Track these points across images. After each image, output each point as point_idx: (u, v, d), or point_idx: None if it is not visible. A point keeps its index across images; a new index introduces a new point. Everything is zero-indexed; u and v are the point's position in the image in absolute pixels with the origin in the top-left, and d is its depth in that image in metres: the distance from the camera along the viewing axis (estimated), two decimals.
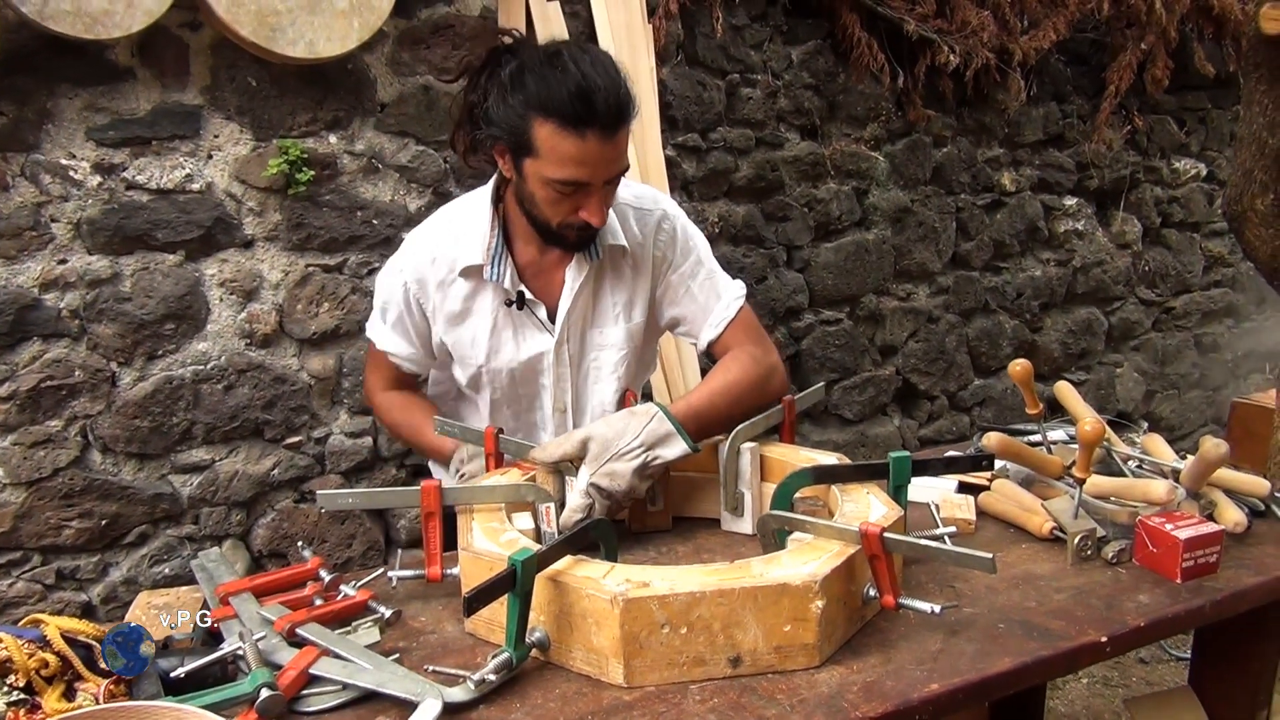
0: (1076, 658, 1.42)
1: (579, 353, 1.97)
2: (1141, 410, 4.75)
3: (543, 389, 1.99)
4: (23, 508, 2.41)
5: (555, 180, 1.68)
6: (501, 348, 1.94)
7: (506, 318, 1.92)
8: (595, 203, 1.71)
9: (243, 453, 2.67)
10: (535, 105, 1.63)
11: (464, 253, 1.88)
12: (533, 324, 1.93)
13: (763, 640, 1.31)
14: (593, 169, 1.66)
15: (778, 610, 1.30)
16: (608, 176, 1.70)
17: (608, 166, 1.68)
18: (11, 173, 2.32)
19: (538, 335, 1.93)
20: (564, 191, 1.69)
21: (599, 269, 1.92)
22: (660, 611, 1.28)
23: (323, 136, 2.65)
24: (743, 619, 1.30)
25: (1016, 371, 1.90)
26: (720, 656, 1.31)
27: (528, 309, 1.91)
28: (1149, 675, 3.49)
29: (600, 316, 1.96)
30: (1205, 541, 1.61)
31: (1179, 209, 4.66)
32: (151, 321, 2.48)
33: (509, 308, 1.90)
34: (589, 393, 2.00)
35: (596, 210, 1.72)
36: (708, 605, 1.29)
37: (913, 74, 3.59)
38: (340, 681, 1.25)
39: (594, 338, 1.97)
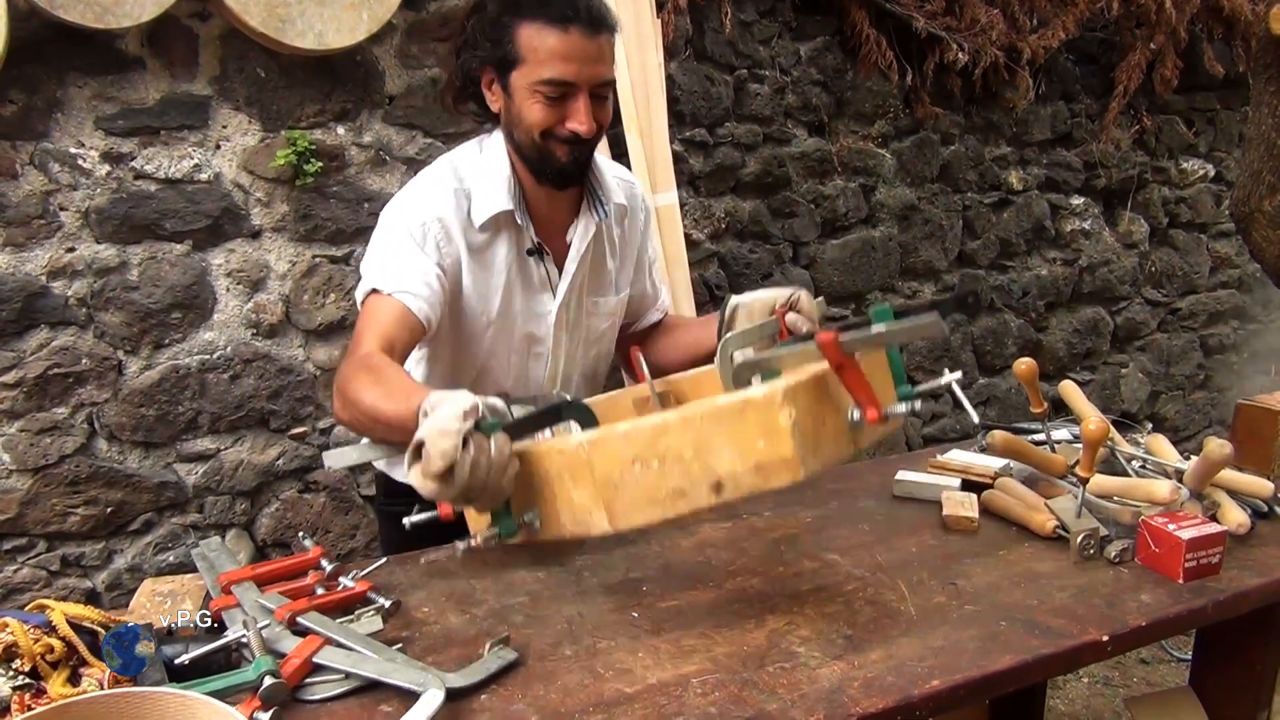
0: (1078, 656, 1.42)
1: (575, 320, 1.94)
2: (1146, 411, 4.74)
3: (538, 357, 1.93)
4: (29, 494, 2.42)
5: (541, 82, 1.67)
6: (513, 302, 1.87)
7: (519, 273, 1.85)
8: (581, 107, 1.69)
9: (248, 442, 2.67)
10: (521, 11, 1.67)
11: (489, 198, 1.80)
12: (539, 282, 1.88)
13: (739, 461, 1.24)
14: (578, 66, 1.66)
15: (745, 427, 1.23)
16: (592, 78, 1.68)
17: (591, 66, 1.67)
18: (20, 161, 2.32)
19: (541, 295, 1.89)
20: (550, 98, 1.68)
21: (600, 235, 1.91)
22: (628, 447, 1.26)
23: (331, 128, 2.65)
24: (713, 443, 1.24)
25: (1022, 370, 1.90)
26: (700, 485, 1.25)
27: (543, 264, 1.86)
28: (1150, 675, 3.49)
29: (599, 284, 1.95)
30: (1208, 542, 1.61)
31: (1186, 209, 4.65)
32: (158, 310, 2.49)
33: (527, 258, 1.85)
34: (578, 362, 1.98)
35: (583, 115, 1.69)
36: (674, 434, 1.25)
37: (921, 71, 3.59)
38: (343, 670, 1.26)
39: (589, 306, 1.95)
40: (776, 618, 1.47)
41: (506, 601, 1.52)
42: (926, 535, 1.79)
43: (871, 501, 1.95)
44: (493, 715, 1.22)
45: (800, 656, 1.36)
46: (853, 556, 1.69)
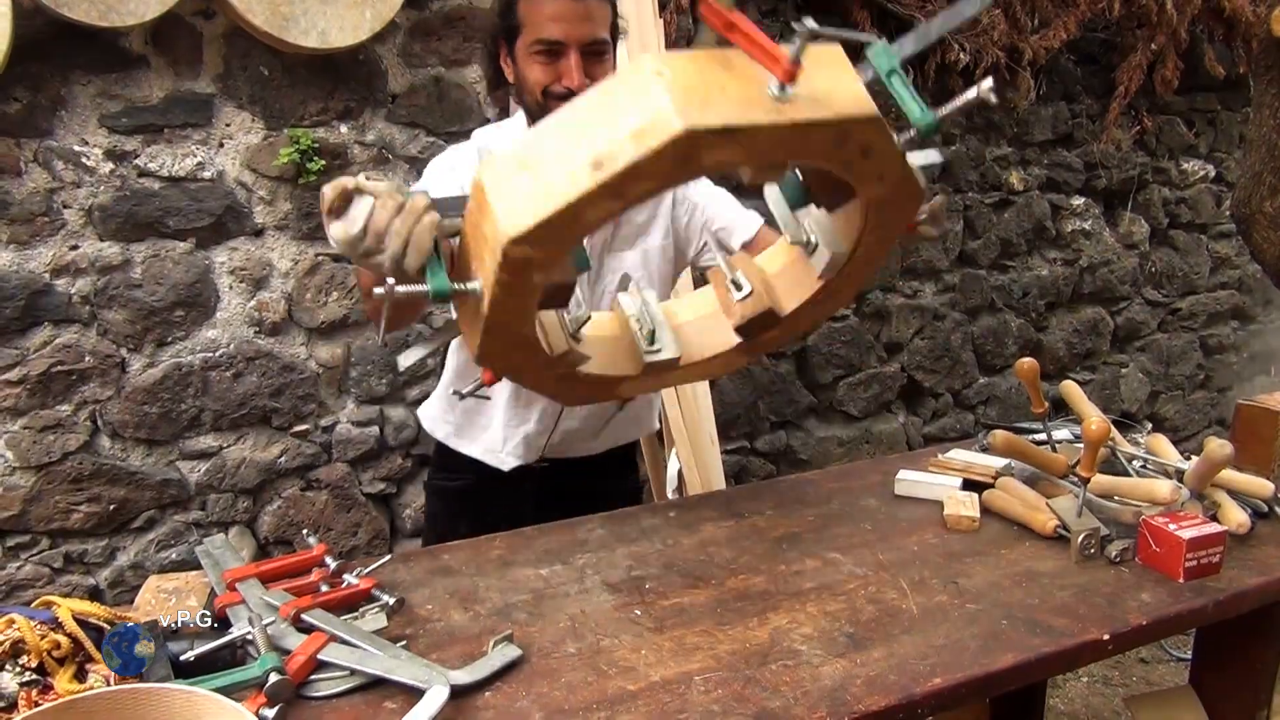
0: (1078, 655, 1.43)
1: (596, 275, 2.00)
2: (1146, 411, 4.75)
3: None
4: (32, 491, 2.43)
5: (535, 42, 1.79)
6: None
7: None
8: (573, 64, 1.79)
9: (250, 440, 2.68)
10: None
11: None
12: None
13: (615, 132, 1.14)
14: (567, 26, 1.77)
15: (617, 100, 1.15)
16: (580, 37, 1.78)
17: (581, 25, 1.78)
18: (25, 159, 2.33)
19: None
20: (545, 58, 1.79)
21: None
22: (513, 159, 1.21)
23: (334, 126, 2.66)
24: (591, 126, 1.16)
25: (1023, 370, 1.90)
26: (582, 168, 1.15)
27: None
28: (1149, 675, 3.50)
29: (618, 240, 2.00)
30: (1208, 542, 1.61)
31: (1187, 210, 4.66)
32: (161, 308, 2.50)
33: None
34: None
35: (574, 71, 1.79)
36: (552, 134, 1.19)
37: (922, 71, 3.59)
38: (348, 667, 1.27)
39: (610, 262, 2.00)
40: (779, 616, 1.47)
41: (510, 599, 1.53)
42: (928, 534, 1.80)
43: (873, 500, 1.96)
44: (497, 713, 1.23)
45: (803, 654, 1.36)
46: (854, 555, 1.69)
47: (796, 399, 3.62)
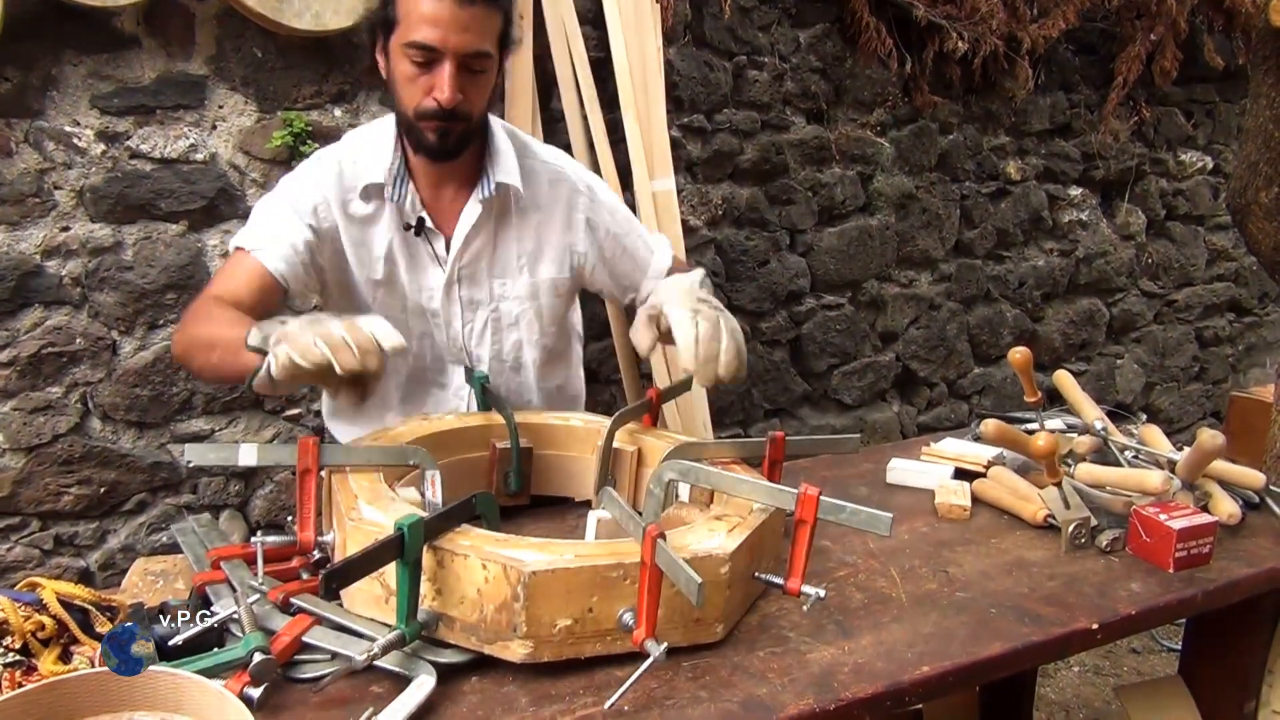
0: (1067, 643, 1.43)
1: (474, 299, 1.93)
2: (1141, 402, 4.75)
3: (436, 326, 1.95)
4: (22, 473, 2.42)
5: (408, 46, 1.68)
6: (397, 274, 1.89)
7: (402, 245, 1.88)
8: (445, 77, 1.68)
9: (242, 423, 2.67)
10: None
11: (366, 170, 1.84)
12: (427, 255, 1.89)
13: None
14: (444, 33, 1.65)
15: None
16: (459, 47, 1.67)
17: (459, 34, 1.66)
18: (15, 139, 2.31)
19: (431, 268, 1.90)
20: (418, 62, 1.69)
21: (501, 216, 1.90)
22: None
23: (327, 109, 2.64)
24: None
25: (1016, 359, 1.90)
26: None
27: (425, 238, 1.87)
28: (1141, 665, 3.51)
29: (502, 265, 1.93)
30: (1199, 532, 1.61)
31: (1184, 202, 4.65)
32: (153, 291, 2.49)
33: (407, 233, 1.86)
34: (486, 341, 1.97)
35: (446, 84, 1.68)
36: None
37: (920, 60, 3.58)
38: (332, 651, 1.26)
39: (495, 287, 1.94)
40: (767, 603, 1.47)
41: None
42: (919, 523, 1.80)
43: (864, 489, 1.96)
44: (483, 697, 1.22)
45: (791, 641, 1.36)
46: (844, 543, 1.69)
47: (791, 387, 3.62)
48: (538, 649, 1.24)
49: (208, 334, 1.58)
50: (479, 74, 1.73)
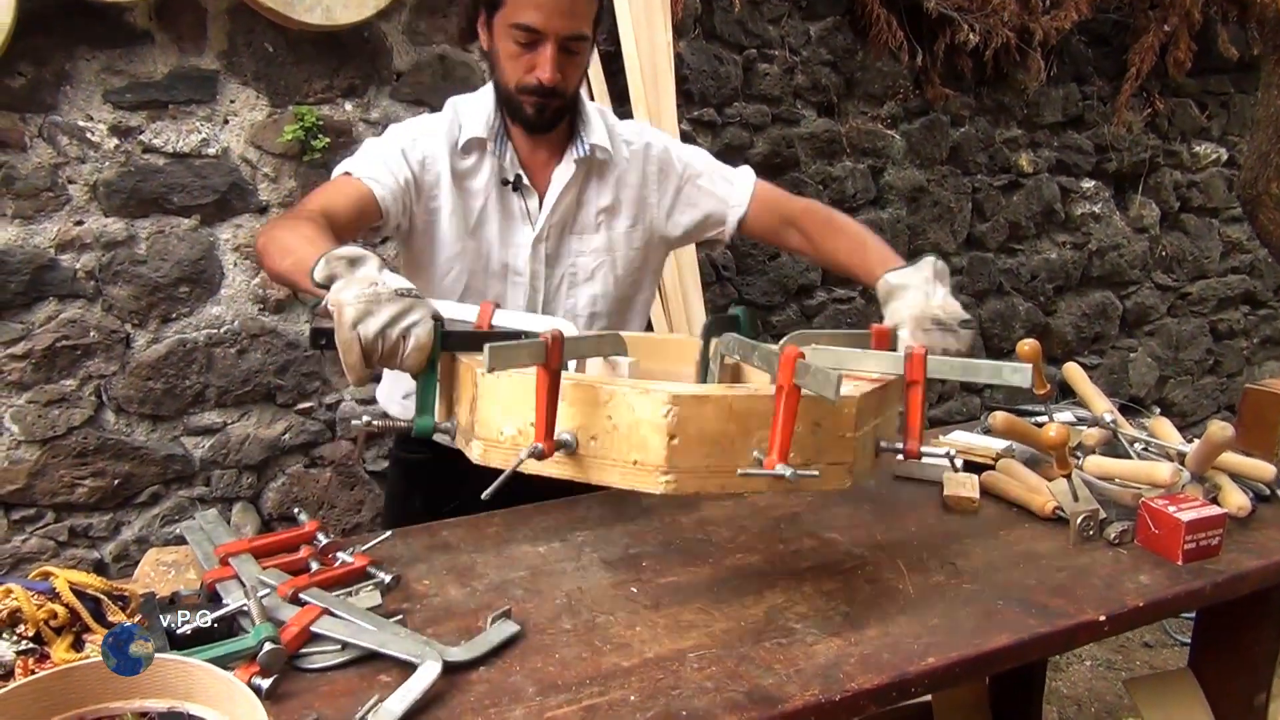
0: (1074, 635, 1.43)
1: (555, 255, 1.98)
2: (1154, 395, 4.73)
3: (514, 285, 1.97)
4: (37, 465, 2.44)
5: (513, 27, 1.75)
6: (487, 225, 1.94)
7: (496, 202, 1.93)
8: (547, 57, 1.76)
9: (254, 416, 2.69)
10: None
11: (470, 126, 1.90)
12: (519, 213, 1.94)
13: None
14: (547, 16, 1.73)
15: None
16: (562, 30, 1.75)
17: (562, 18, 1.74)
18: (29, 134, 2.33)
19: (520, 227, 1.95)
20: (521, 43, 1.76)
21: (586, 177, 1.96)
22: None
23: (338, 104, 2.65)
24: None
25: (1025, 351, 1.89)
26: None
27: (521, 194, 1.93)
28: (1153, 659, 3.50)
29: (581, 223, 1.99)
30: (1208, 524, 1.61)
31: (1198, 194, 4.62)
32: (166, 284, 2.50)
33: (504, 188, 1.92)
34: (561, 297, 2.01)
35: (548, 65, 1.76)
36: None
37: (932, 52, 3.57)
38: (341, 640, 1.27)
39: (572, 243, 1.99)
40: (775, 594, 1.47)
41: (507, 575, 1.53)
42: (927, 515, 1.80)
43: (872, 481, 1.95)
44: (490, 687, 1.23)
45: (798, 633, 1.37)
46: (852, 535, 1.69)
47: None
48: (680, 481, 1.24)
49: (289, 240, 1.57)
50: (576, 54, 1.81)
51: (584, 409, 1.27)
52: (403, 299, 1.35)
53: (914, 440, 1.36)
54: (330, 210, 1.71)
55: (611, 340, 1.50)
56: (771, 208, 2.06)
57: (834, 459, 1.29)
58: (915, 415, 1.37)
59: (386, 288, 1.36)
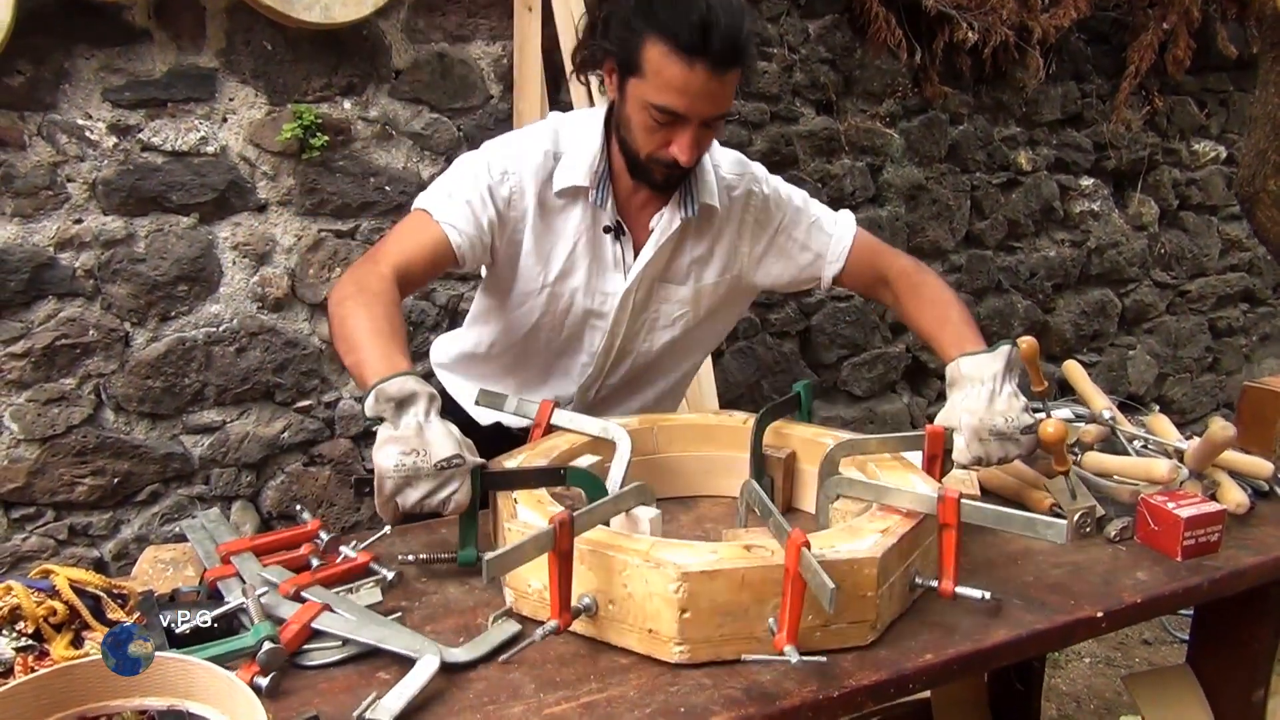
0: (1072, 631, 1.43)
1: (643, 304, 1.93)
2: (1153, 393, 4.73)
3: (593, 329, 1.94)
4: (37, 464, 2.44)
5: (653, 106, 1.65)
6: (574, 273, 1.87)
7: (588, 246, 1.86)
8: (687, 139, 1.68)
9: (253, 415, 2.69)
10: (654, 24, 1.61)
11: (571, 170, 1.82)
12: (612, 260, 1.88)
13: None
14: (691, 101, 1.63)
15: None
16: (706, 115, 1.67)
17: (708, 103, 1.65)
18: (28, 132, 2.33)
19: (612, 274, 1.89)
20: (659, 120, 1.67)
21: (687, 227, 1.89)
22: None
23: (337, 102, 2.65)
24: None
25: (1022, 349, 1.89)
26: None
27: (619, 243, 1.86)
28: (1152, 656, 3.50)
29: (673, 271, 1.93)
30: (1207, 520, 1.61)
31: (1197, 191, 4.63)
32: (165, 283, 2.50)
33: (605, 235, 1.85)
34: (638, 341, 1.97)
35: (687, 147, 1.68)
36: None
37: (930, 50, 3.57)
38: (341, 637, 1.27)
39: (659, 291, 1.93)
40: None
41: None
42: None
43: None
44: (489, 684, 1.23)
45: None
46: None
47: (800, 378, 3.62)
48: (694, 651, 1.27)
49: (356, 330, 1.57)
50: (714, 128, 1.73)
51: (601, 574, 1.30)
52: (442, 473, 1.38)
53: (948, 580, 1.37)
54: (405, 264, 1.70)
55: (635, 493, 1.48)
56: (868, 264, 2.00)
57: (855, 618, 1.31)
58: (950, 556, 1.37)
59: (428, 458, 1.38)
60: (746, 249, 1.96)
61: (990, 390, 1.67)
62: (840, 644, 1.30)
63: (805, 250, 1.98)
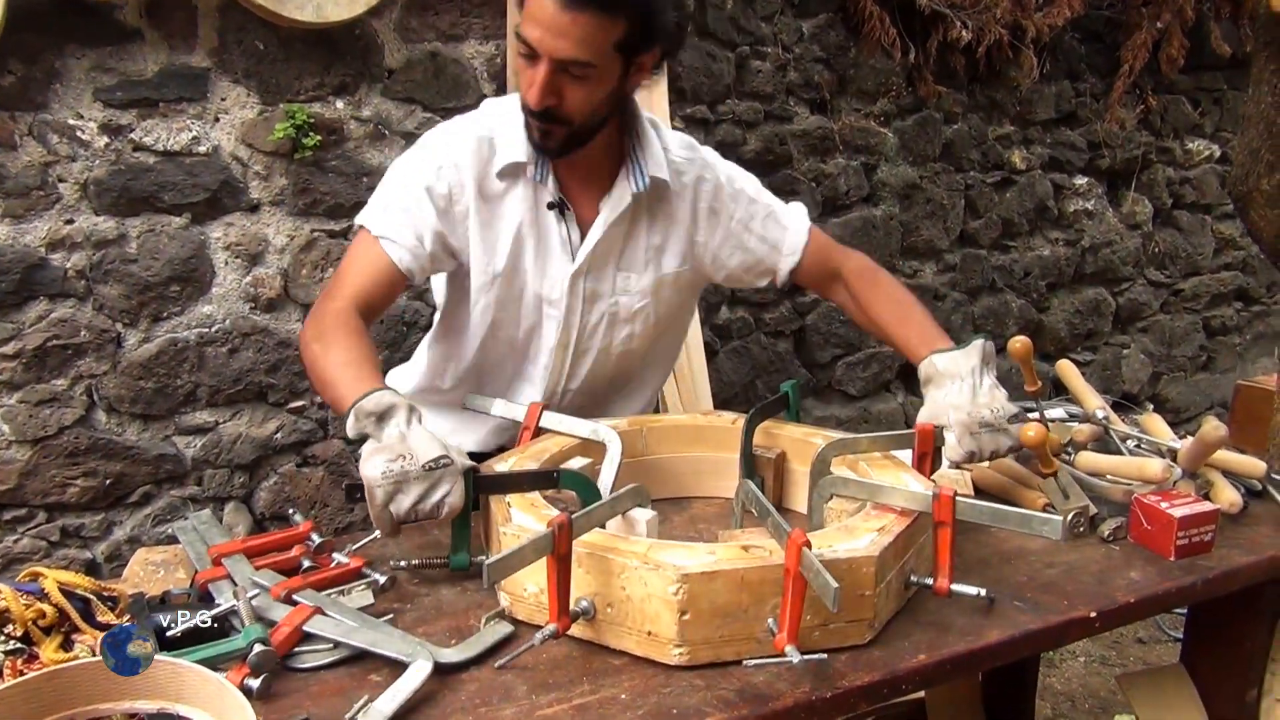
0: (1065, 631, 1.43)
1: (596, 292, 1.86)
2: (1148, 392, 4.74)
3: (548, 318, 1.87)
4: (28, 465, 2.43)
5: (518, 37, 1.61)
6: (522, 255, 1.81)
7: (532, 227, 1.80)
8: (537, 78, 1.60)
9: (246, 416, 2.68)
10: None
11: (509, 147, 1.75)
12: (559, 241, 1.81)
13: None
14: (542, 34, 1.57)
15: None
16: (555, 52, 1.58)
17: (556, 39, 1.57)
18: (19, 132, 2.32)
19: (559, 257, 1.82)
20: (524, 55, 1.61)
21: (637, 209, 1.83)
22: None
23: (329, 102, 2.65)
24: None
25: (1016, 348, 1.89)
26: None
27: (564, 221, 1.80)
28: (1147, 655, 3.51)
29: (629, 259, 1.87)
30: (1200, 520, 1.61)
31: (1191, 190, 4.63)
32: (157, 283, 2.50)
33: (545, 214, 1.79)
34: (598, 336, 1.90)
35: (535, 87, 1.60)
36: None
37: (924, 49, 3.57)
38: (333, 640, 1.27)
39: (619, 281, 1.87)
40: None
41: None
42: None
43: None
44: (481, 685, 1.23)
45: None
46: None
47: (794, 378, 3.62)
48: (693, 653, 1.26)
49: (328, 367, 1.59)
50: (581, 79, 1.62)
51: (599, 577, 1.30)
52: (431, 474, 1.38)
53: (944, 578, 1.38)
54: (362, 295, 1.71)
55: (631, 495, 1.47)
56: (823, 260, 1.98)
57: (853, 616, 1.31)
58: (945, 554, 1.38)
59: (414, 461, 1.38)
60: (703, 238, 1.92)
61: (971, 384, 1.67)
62: (838, 643, 1.31)
63: (762, 243, 1.94)
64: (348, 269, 1.76)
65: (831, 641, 1.30)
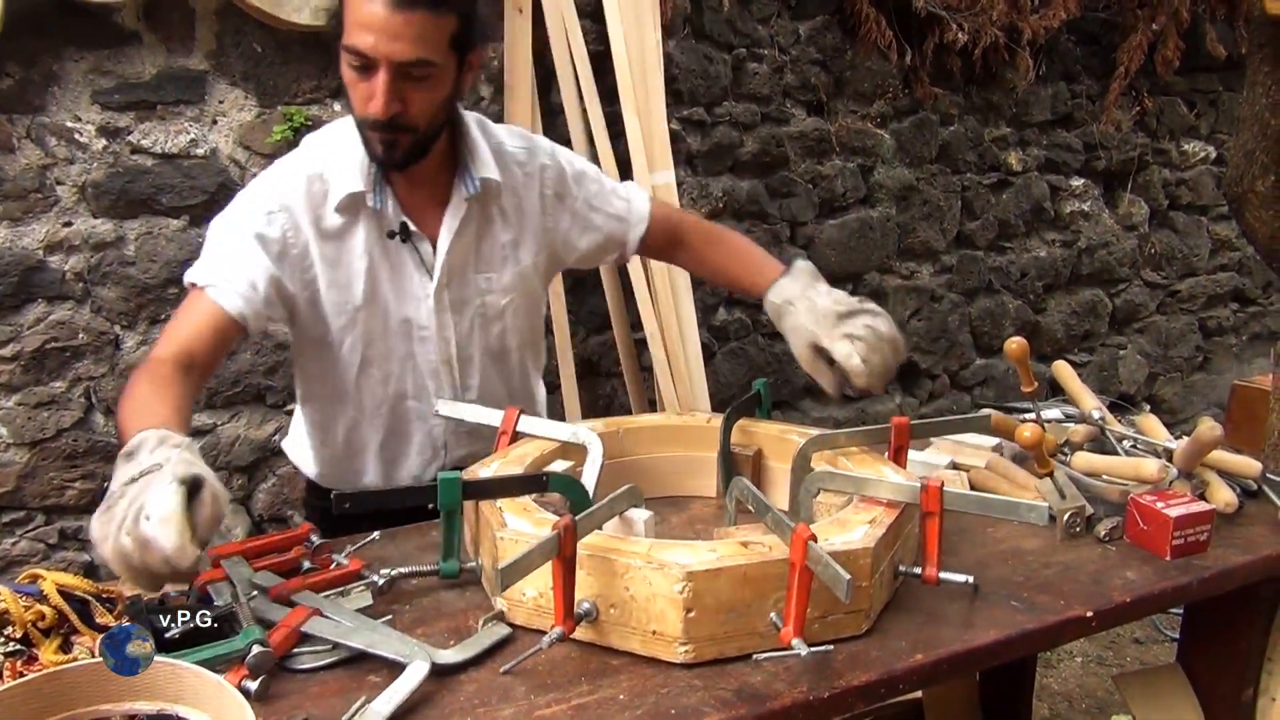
0: (1061, 631, 1.44)
1: (461, 300, 1.83)
2: (1144, 393, 4.75)
3: (423, 340, 1.83)
4: (26, 468, 2.44)
5: (347, 50, 1.56)
6: (379, 289, 1.77)
7: (383, 256, 1.76)
8: (378, 85, 1.56)
9: (244, 418, 2.69)
10: None
11: (341, 179, 1.70)
12: (412, 263, 1.78)
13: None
14: (375, 38, 1.52)
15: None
16: (393, 56, 1.54)
17: (392, 42, 1.53)
18: (17, 135, 2.33)
19: (417, 277, 1.78)
20: (356, 69, 1.57)
21: (482, 210, 1.81)
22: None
23: (327, 104, 2.65)
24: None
25: (1012, 349, 1.90)
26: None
27: (411, 244, 1.76)
28: (1144, 655, 3.51)
29: (487, 260, 1.85)
30: (1196, 520, 1.62)
31: (1187, 191, 4.64)
32: (155, 285, 2.50)
33: (390, 241, 1.74)
34: (474, 341, 1.88)
35: (376, 93, 1.56)
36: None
37: (921, 51, 3.58)
38: (331, 641, 1.27)
39: (479, 283, 1.85)
40: None
41: None
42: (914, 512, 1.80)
43: None
44: (480, 686, 1.23)
45: None
46: None
47: (792, 379, 3.62)
48: (698, 650, 1.27)
49: (120, 422, 1.48)
50: (422, 81, 1.60)
51: (602, 578, 1.30)
52: (129, 486, 1.24)
53: (932, 567, 1.40)
54: (185, 351, 1.59)
55: (627, 495, 1.46)
56: (666, 225, 2.03)
57: (851, 608, 1.33)
58: (933, 544, 1.40)
59: (115, 496, 1.25)
60: (553, 224, 1.92)
61: (810, 296, 1.78)
62: (837, 634, 1.32)
63: (610, 218, 1.97)
64: (171, 325, 1.67)
65: (831, 633, 1.31)
